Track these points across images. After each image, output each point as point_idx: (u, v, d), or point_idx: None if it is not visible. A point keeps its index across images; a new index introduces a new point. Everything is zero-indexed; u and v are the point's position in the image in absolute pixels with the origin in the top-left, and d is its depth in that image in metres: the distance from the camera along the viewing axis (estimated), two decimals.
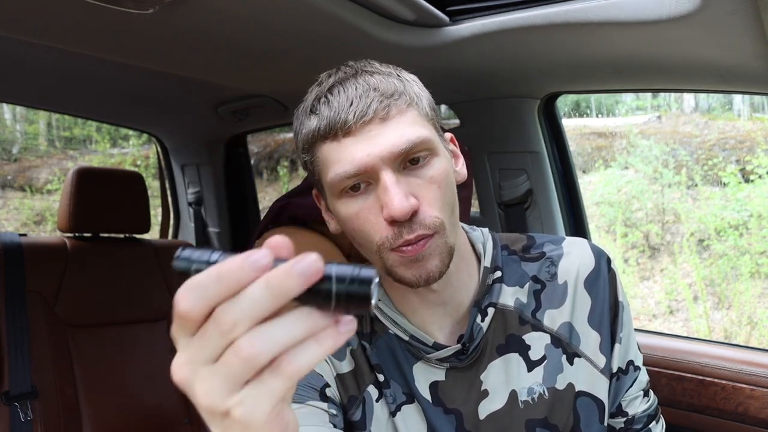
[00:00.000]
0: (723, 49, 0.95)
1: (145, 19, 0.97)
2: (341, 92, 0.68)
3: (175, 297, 0.36)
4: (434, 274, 0.70)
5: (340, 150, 0.68)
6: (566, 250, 0.83)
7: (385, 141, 0.66)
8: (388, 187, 0.66)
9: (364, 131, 0.67)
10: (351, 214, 0.70)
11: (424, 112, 0.71)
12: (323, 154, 0.70)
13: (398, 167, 0.68)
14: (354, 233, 0.72)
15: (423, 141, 0.68)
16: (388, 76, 0.71)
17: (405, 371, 0.78)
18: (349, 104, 0.67)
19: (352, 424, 0.77)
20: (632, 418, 0.83)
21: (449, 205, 0.71)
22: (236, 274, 0.35)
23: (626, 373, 0.82)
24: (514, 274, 0.82)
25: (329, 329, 0.36)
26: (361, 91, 0.68)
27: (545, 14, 0.98)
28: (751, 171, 4.67)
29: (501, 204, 1.46)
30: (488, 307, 0.78)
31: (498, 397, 0.77)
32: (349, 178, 0.67)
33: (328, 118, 0.68)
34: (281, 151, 7.04)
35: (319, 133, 0.69)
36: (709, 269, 4.53)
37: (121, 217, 1.81)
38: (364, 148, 0.66)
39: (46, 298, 1.62)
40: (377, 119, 0.67)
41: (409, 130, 0.67)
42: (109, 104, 1.75)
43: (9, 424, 1.43)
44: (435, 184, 0.69)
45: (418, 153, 0.68)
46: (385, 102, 0.67)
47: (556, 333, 0.79)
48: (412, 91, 0.71)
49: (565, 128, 1.49)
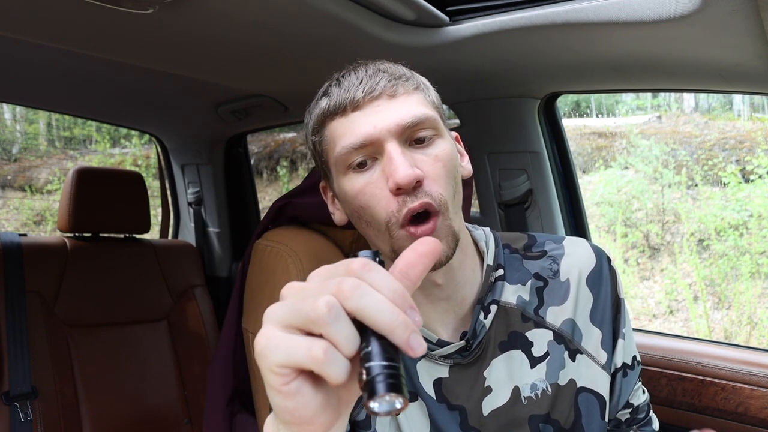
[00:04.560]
0: (723, 49, 0.95)
1: (144, 19, 0.97)
2: (352, 74, 0.73)
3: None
4: (441, 261, 0.71)
5: (348, 124, 0.71)
6: (567, 248, 0.84)
7: (393, 114, 0.69)
8: (393, 156, 0.68)
9: (372, 105, 0.70)
10: (357, 189, 0.71)
11: (430, 99, 0.75)
12: (331, 131, 0.73)
13: (404, 142, 0.70)
14: (361, 211, 0.72)
15: (428, 119, 0.71)
16: (397, 67, 0.75)
17: (409, 369, 0.79)
18: (359, 82, 0.71)
19: (356, 424, 0.78)
20: (636, 408, 0.85)
21: (452, 186, 0.72)
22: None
23: (632, 368, 0.83)
24: (516, 272, 0.82)
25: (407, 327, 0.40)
26: (372, 72, 0.72)
27: (545, 14, 0.98)
28: (751, 171, 4.67)
29: (501, 204, 1.46)
30: (491, 305, 0.79)
31: (501, 393, 0.78)
32: (356, 150, 0.70)
33: (338, 96, 0.72)
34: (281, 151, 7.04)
35: (329, 110, 0.72)
36: (709, 269, 4.53)
37: (121, 217, 1.81)
38: (371, 120, 0.69)
39: (45, 298, 1.62)
40: (385, 95, 0.70)
41: (415, 108, 0.70)
42: (109, 104, 1.75)
43: (9, 424, 1.43)
44: (440, 162, 0.71)
45: (424, 131, 0.71)
46: (393, 82, 0.71)
47: (559, 329, 0.80)
48: (419, 79, 0.75)
49: (565, 128, 1.48)
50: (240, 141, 2.14)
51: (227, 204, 2.17)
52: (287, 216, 1.16)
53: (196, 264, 2.00)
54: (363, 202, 0.71)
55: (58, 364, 1.57)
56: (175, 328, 1.84)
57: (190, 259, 1.99)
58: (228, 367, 1.17)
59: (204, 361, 1.83)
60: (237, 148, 2.15)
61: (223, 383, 1.18)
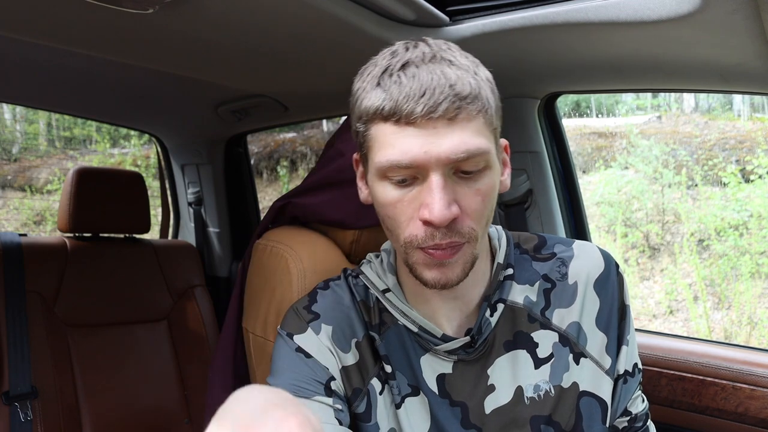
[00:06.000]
0: (723, 49, 0.95)
1: (144, 19, 0.97)
2: (415, 76, 0.65)
3: None
4: (453, 282, 0.70)
5: (398, 137, 0.65)
6: (576, 252, 0.84)
7: (446, 144, 0.64)
8: (434, 190, 0.64)
9: (428, 127, 0.64)
10: (388, 200, 0.69)
11: (490, 121, 0.69)
12: (379, 133, 0.67)
13: (449, 171, 0.66)
14: (385, 218, 0.71)
15: (481, 153, 0.66)
16: (466, 72, 0.67)
17: (413, 363, 0.78)
18: (420, 94, 0.63)
19: (356, 416, 0.78)
20: (635, 417, 0.84)
21: (486, 216, 0.70)
22: None
23: (633, 375, 0.83)
24: (525, 272, 0.82)
25: None
26: (436, 83, 0.64)
27: (545, 14, 0.98)
28: (751, 171, 4.68)
29: (501, 204, 1.46)
30: (498, 303, 0.79)
31: (504, 392, 0.77)
32: (399, 169, 0.66)
33: (394, 101, 0.65)
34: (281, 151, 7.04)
35: (382, 112, 0.66)
36: (709, 269, 4.53)
37: (121, 217, 1.81)
38: (423, 144, 0.64)
39: (45, 298, 1.62)
40: (445, 119, 0.64)
41: (471, 140, 0.65)
42: (109, 104, 1.75)
43: (9, 424, 1.43)
44: (480, 196, 0.68)
45: (473, 165, 0.66)
46: (457, 103, 0.64)
47: (565, 332, 0.80)
48: (485, 95, 0.67)
49: (565, 128, 1.48)
50: (240, 141, 2.14)
51: (227, 204, 2.17)
52: (287, 216, 1.16)
53: (196, 264, 2.00)
54: (391, 213, 0.69)
55: (58, 364, 1.57)
56: (175, 328, 1.84)
57: (190, 259, 1.99)
58: (228, 367, 1.17)
59: (204, 361, 1.83)
60: (237, 148, 2.15)
61: (223, 383, 1.17)
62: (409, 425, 0.76)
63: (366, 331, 0.81)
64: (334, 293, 0.84)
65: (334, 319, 0.80)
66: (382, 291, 0.81)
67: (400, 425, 0.77)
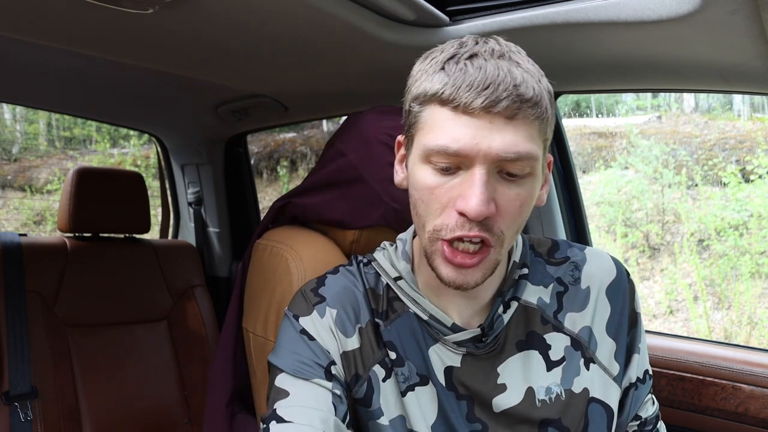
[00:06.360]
0: (723, 49, 0.95)
1: (144, 19, 0.97)
2: (481, 68, 0.64)
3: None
4: (470, 285, 0.70)
5: (452, 123, 0.65)
6: (589, 257, 0.84)
7: (499, 140, 0.63)
8: (476, 183, 0.64)
9: (484, 120, 0.63)
10: (427, 184, 0.68)
11: (544, 130, 0.68)
12: (433, 116, 0.67)
13: (493, 169, 0.66)
14: (419, 203, 0.71)
15: (530, 158, 0.65)
16: (531, 76, 0.66)
17: (423, 352, 0.78)
18: (483, 86, 0.63)
19: (356, 402, 0.78)
20: (645, 421, 0.85)
21: (519, 225, 0.70)
22: None
23: (644, 382, 0.83)
24: (538, 274, 0.82)
25: None
26: (501, 79, 0.63)
27: (545, 14, 0.98)
28: (751, 171, 4.68)
29: None
30: (512, 301, 0.79)
31: (515, 393, 0.77)
32: (446, 155, 0.65)
33: (456, 87, 0.64)
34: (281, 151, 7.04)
35: (441, 96, 0.65)
36: (709, 269, 4.53)
37: (121, 217, 1.81)
38: (476, 136, 0.63)
39: (45, 298, 1.62)
40: (503, 116, 0.63)
41: (523, 143, 0.64)
42: (109, 104, 1.75)
43: (9, 424, 1.43)
44: (519, 201, 0.67)
45: (519, 168, 0.66)
46: (518, 104, 0.63)
47: (577, 336, 0.80)
48: (545, 104, 0.67)
49: (565, 128, 1.48)
50: (240, 141, 2.14)
51: (227, 204, 2.17)
52: (287, 216, 1.16)
53: (196, 264, 2.00)
54: (425, 198, 0.69)
55: (58, 364, 1.57)
56: (175, 328, 1.84)
57: (190, 259, 1.99)
58: (228, 367, 1.17)
59: (204, 361, 1.83)
60: (237, 148, 2.15)
61: (223, 383, 1.17)
62: (416, 414, 0.76)
63: (372, 318, 0.80)
64: (344, 278, 0.84)
65: (340, 303, 0.80)
66: (394, 278, 0.81)
67: (407, 413, 0.76)
